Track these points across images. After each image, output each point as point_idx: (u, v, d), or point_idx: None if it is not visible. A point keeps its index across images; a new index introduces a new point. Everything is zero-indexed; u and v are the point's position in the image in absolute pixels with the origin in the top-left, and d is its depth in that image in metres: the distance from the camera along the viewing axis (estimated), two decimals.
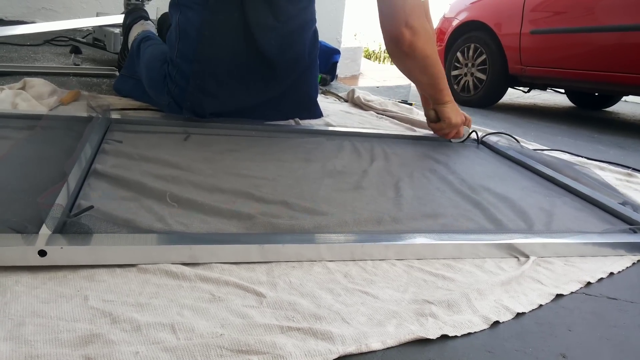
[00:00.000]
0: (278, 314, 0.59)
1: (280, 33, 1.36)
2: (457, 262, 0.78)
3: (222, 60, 1.34)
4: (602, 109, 3.96)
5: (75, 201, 0.81)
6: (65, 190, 0.78)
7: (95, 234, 0.69)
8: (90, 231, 0.69)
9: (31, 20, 3.48)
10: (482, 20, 3.40)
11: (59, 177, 0.84)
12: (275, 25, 1.34)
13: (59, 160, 0.95)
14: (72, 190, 0.82)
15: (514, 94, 4.17)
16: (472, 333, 0.61)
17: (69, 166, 0.86)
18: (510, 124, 2.58)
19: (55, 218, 0.70)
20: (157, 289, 0.62)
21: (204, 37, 1.31)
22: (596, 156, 1.74)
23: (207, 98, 1.36)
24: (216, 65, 1.34)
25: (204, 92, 1.35)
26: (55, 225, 0.69)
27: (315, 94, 1.53)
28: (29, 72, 1.90)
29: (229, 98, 1.39)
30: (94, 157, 1.03)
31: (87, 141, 1.05)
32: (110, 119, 1.31)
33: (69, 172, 0.85)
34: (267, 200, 0.90)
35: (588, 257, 0.86)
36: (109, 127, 1.26)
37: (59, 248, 0.64)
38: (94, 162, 1.00)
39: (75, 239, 0.67)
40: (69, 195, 0.79)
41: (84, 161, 0.95)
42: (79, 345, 0.50)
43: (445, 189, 1.10)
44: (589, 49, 2.74)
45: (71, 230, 0.69)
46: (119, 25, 2.42)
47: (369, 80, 3.28)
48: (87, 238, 0.67)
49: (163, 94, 1.40)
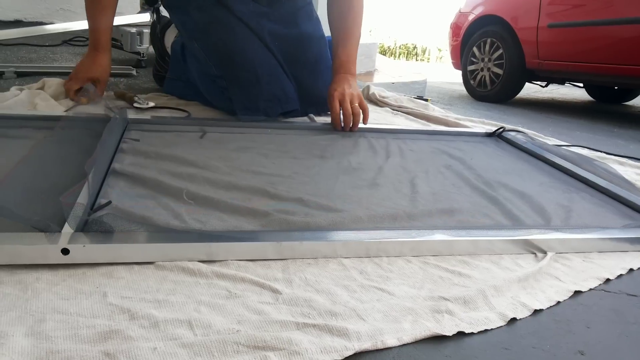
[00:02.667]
0: (294, 311, 0.59)
1: (273, 18, 1.52)
2: (474, 259, 0.78)
3: (240, 55, 1.43)
4: (622, 102, 3.90)
5: (96, 200, 0.83)
6: (86, 189, 0.79)
7: (114, 232, 0.70)
8: (112, 229, 0.70)
9: (50, 21, 3.53)
10: (499, 14, 3.36)
11: (80, 177, 0.86)
12: (267, 11, 1.51)
13: (78, 160, 0.96)
14: (93, 190, 0.83)
15: (532, 88, 4.12)
16: (488, 330, 0.60)
17: (89, 166, 0.87)
18: (528, 119, 2.55)
19: (77, 217, 0.71)
20: (174, 286, 0.62)
21: (218, 48, 1.45)
22: (616, 151, 1.72)
23: (251, 90, 1.44)
24: (240, 59, 1.43)
25: (244, 85, 1.43)
26: (77, 223, 0.70)
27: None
28: (48, 72, 1.92)
29: (266, 80, 1.46)
30: (113, 156, 1.04)
31: (106, 141, 1.06)
32: (128, 119, 1.33)
33: (89, 172, 0.87)
34: (283, 198, 0.91)
35: (607, 253, 0.84)
36: (127, 127, 1.28)
37: (81, 246, 0.65)
38: (113, 161, 1.01)
39: (97, 237, 0.68)
40: (89, 194, 0.80)
41: (104, 160, 0.96)
42: (98, 341, 0.51)
43: (462, 185, 1.09)
44: (609, 42, 2.69)
45: (93, 229, 0.70)
46: (135, 25, 2.44)
47: (384, 76, 3.27)
48: (107, 236, 0.68)
49: (224, 102, 1.51)
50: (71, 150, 1.06)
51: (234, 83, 1.45)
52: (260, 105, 1.45)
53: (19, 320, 0.53)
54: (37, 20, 3.64)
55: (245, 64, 1.44)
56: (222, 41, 1.45)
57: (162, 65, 1.84)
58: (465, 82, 3.64)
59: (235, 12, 1.47)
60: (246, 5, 1.49)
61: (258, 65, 1.44)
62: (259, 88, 1.44)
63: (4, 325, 0.52)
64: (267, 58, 1.48)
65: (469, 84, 3.58)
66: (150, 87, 1.92)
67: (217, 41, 1.45)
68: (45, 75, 1.81)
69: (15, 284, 0.60)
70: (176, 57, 1.69)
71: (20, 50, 2.51)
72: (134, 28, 2.32)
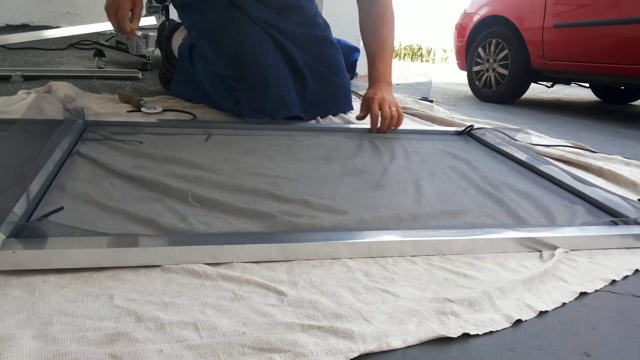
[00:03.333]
0: (299, 313, 0.59)
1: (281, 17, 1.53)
2: (479, 260, 0.78)
3: (251, 55, 1.45)
4: (628, 102, 3.87)
5: (37, 205, 0.81)
6: (25, 195, 0.77)
7: (48, 238, 0.67)
8: (45, 235, 0.67)
9: (56, 25, 3.55)
10: (504, 14, 3.35)
11: (19, 181, 0.82)
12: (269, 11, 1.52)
13: (22, 164, 0.91)
14: (34, 195, 0.81)
15: (537, 89, 4.10)
16: (494, 332, 0.60)
17: (32, 170, 0.84)
18: (533, 119, 2.55)
19: (11, 222, 0.68)
20: (180, 288, 0.63)
21: (229, 47, 1.46)
22: (623, 151, 1.71)
23: (259, 91, 1.45)
24: (250, 61, 1.45)
25: (253, 87, 1.45)
26: (10, 229, 0.67)
27: (349, 84, 1.68)
28: (55, 76, 1.94)
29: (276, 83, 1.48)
30: (64, 160, 1.02)
31: (58, 144, 1.03)
32: (87, 122, 1.29)
33: (31, 177, 0.84)
34: (288, 200, 0.91)
35: (613, 254, 0.84)
36: (86, 129, 1.24)
37: (10, 252, 0.63)
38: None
39: (30, 243, 0.65)
40: (28, 200, 0.78)
41: (51, 165, 0.94)
42: (104, 344, 0.51)
43: (467, 186, 1.09)
44: (615, 42, 2.67)
45: (28, 235, 0.67)
46: (141, 28, 2.46)
47: None
48: (41, 242, 0.66)
49: (231, 103, 1.52)
50: (15, 154, 1.04)
51: (242, 83, 1.45)
52: (267, 107, 1.46)
53: (26, 323, 0.53)
54: (44, 24, 3.66)
55: (255, 65, 1.45)
56: (234, 41, 1.46)
57: (169, 67, 1.84)
58: (471, 83, 3.63)
59: (251, 14, 1.49)
60: (260, 11, 1.51)
61: (267, 67, 1.45)
62: (267, 90, 1.45)
63: (11, 328, 0.52)
64: (276, 62, 1.49)
65: (474, 84, 3.57)
66: (156, 90, 1.93)
67: (229, 41, 1.46)
68: (51, 78, 1.83)
69: (23, 287, 0.60)
70: (183, 60, 1.70)
71: (27, 54, 2.53)
72: (139, 31, 2.33)
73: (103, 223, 0.76)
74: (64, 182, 0.91)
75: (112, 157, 1.06)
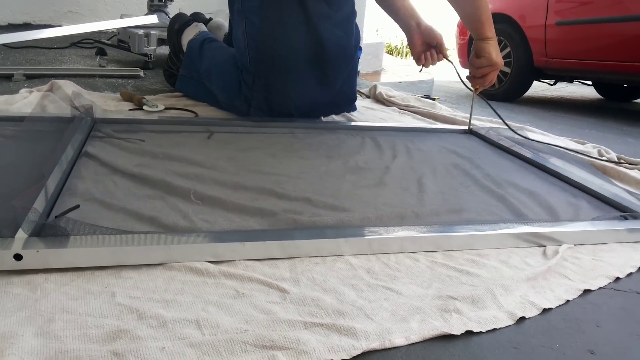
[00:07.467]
0: (301, 310, 0.59)
1: (334, 22, 1.46)
2: (482, 258, 0.77)
3: (286, 56, 1.43)
4: (631, 100, 3.86)
5: (55, 203, 0.80)
6: (43, 192, 0.77)
7: (70, 236, 0.67)
8: (67, 234, 0.67)
9: (58, 24, 3.55)
10: (506, 12, 3.34)
11: (37, 179, 0.82)
12: (329, 13, 1.45)
13: (38, 162, 0.92)
14: (51, 193, 0.81)
15: (540, 86, 4.09)
16: (497, 329, 0.60)
17: (48, 168, 0.84)
18: (536, 117, 2.54)
19: (32, 221, 0.68)
20: (182, 286, 0.63)
21: (267, 34, 1.42)
22: (625, 149, 1.70)
23: (276, 96, 1.45)
24: (282, 61, 1.43)
25: (271, 89, 1.44)
26: (32, 228, 0.67)
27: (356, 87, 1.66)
28: (56, 75, 1.94)
29: (296, 94, 1.47)
30: (76, 158, 1.01)
31: (69, 142, 1.03)
32: (95, 119, 1.29)
33: (48, 175, 0.83)
34: (290, 197, 0.91)
35: (617, 251, 0.84)
36: (94, 127, 1.24)
37: (34, 252, 0.63)
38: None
39: (52, 242, 0.65)
40: (47, 198, 0.78)
41: (65, 162, 0.94)
42: (106, 341, 0.51)
43: (469, 184, 1.09)
44: (618, 39, 2.67)
45: (50, 233, 0.67)
46: (142, 26, 2.46)
47: (391, 75, 3.26)
48: (63, 241, 0.65)
49: (238, 99, 1.50)
50: (31, 152, 1.03)
51: (261, 83, 1.44)
52: (274, 112, 1.48)
53: (28, 320, 0.53)
54: (46, 23, 3.66)
55: (285, 72, 1.44)
56: (273, 36, 1.42)
57: (175, 62, 1.83)
58: None
59: (308, 8, 1.42)
60: (318, 5, 1.45)
61: (292, 80, 1.45)
62: (287, 100, 1.47)
63: (14, 325, 0.52)
64: (307, 76, 1.46)
65: None
66: (158, 89, 1.92)
67: (268, 30, 1.42)
68: (53, 77, 1.82)
69: (25, 285, 0.60)
70: (192, 54, 1.67)
71: (29, 52, 2.53)
72: (141, 30, 2.33)
73: (105, 221, 0.76)
74: (69, 181, 0.91)
75: (114, 155, 1.06)
